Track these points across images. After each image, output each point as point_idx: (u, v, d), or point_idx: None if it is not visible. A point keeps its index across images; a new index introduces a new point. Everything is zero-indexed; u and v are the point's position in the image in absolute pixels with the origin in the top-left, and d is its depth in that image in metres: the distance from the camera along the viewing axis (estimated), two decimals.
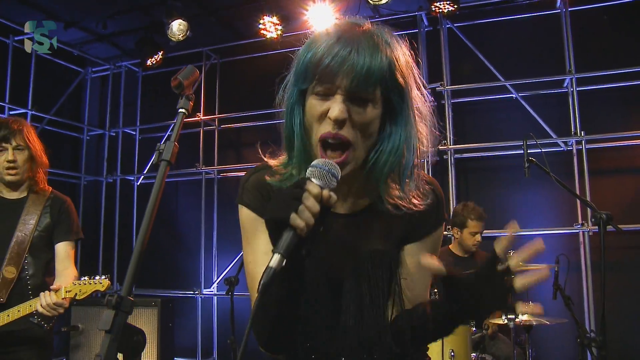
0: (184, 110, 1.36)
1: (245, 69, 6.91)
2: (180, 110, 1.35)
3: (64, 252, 2.90)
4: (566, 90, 5.52)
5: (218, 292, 6.61)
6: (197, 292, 6.60)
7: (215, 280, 6.68)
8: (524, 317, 3.68)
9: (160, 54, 6.37)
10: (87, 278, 2.65)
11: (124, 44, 6.94)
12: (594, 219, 3.22)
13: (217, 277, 6.68)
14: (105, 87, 7.65)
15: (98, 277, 2.65)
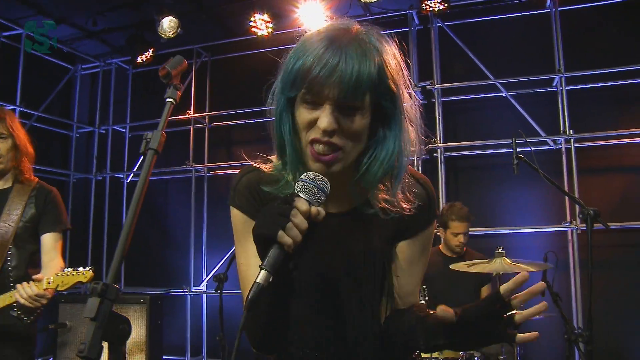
0: (172, 99, 1.35)
1: (236, 67, 6.88)
2: (168, 99, 1.34)
3: (50, 243, 2.83)
4: (555, 89, 5.55)
5: (207, 290, 6.59)
6: (186, 290, 6.57)
7: (205, 278, 6.66)
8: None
9: (151, 51, 6.34)
10: (70, 269, 2.58)
11: (114, 41, 6.89)
12: (582, 215, 3.24)
13: (207, 275, 6.66)
14: (95, 84, 7.60)
15: (82, 269, 2.57)
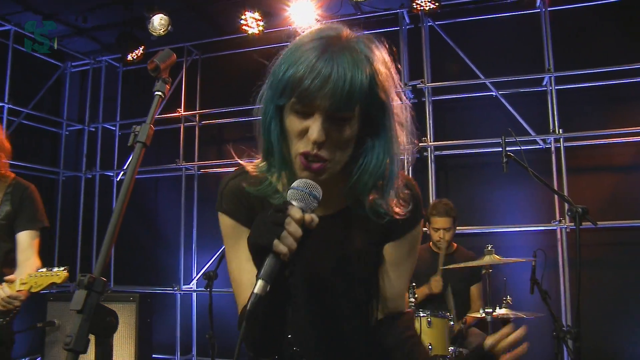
0: (160, 93, 1.35)
1: (227, 65, 6.87)
2: (156, 93, 1.34)
3: (26, 241, 2.75)
4: (545, 88, 5.58)
5: (197, 289, 6.57)
6: (176, 288, 6.55)
7: (195, 277, 6.63)
8: (501, 311, 3.67)
9: (141, 49, 6.30)
10: (44, 270, 2.49)
11: (105, 38, 6.84)
12: (570, 213, 3.25)
13: (197, 273, 6.63)
14: (85, 81, 7.55)
15: (56, 269, 2.47)
